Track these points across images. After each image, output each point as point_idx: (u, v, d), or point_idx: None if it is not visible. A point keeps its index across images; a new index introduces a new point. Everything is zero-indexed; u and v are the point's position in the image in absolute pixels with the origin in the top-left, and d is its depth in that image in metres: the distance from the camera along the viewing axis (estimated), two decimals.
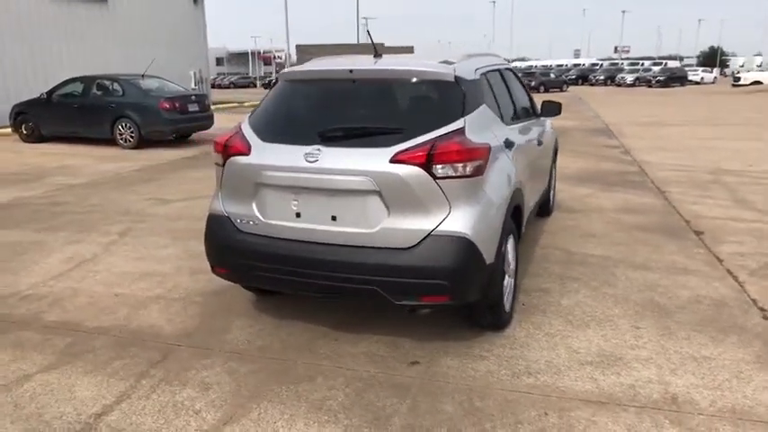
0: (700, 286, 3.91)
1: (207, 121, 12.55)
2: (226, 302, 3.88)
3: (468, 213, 2.81)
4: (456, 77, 3.10)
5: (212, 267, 3.40)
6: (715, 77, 52.09)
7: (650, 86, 43.29)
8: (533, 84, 38.53)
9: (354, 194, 2.86)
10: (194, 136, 12.93)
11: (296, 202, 2.99)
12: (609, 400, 2.65)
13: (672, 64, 54.99)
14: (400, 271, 2.79)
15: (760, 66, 42.13)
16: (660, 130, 13.24)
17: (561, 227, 5.44)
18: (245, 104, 25.76)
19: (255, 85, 62.97)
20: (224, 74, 77.54)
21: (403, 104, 3.23)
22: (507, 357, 3.06)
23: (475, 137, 2.91)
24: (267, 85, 60.81)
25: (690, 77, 46.03)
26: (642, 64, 59.20)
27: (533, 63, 73.64)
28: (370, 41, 3.72)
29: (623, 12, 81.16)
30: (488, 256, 2.90)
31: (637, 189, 7.04)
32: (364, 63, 3.33)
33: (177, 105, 11.57)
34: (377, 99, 3.19)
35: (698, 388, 2.72)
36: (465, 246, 2.78)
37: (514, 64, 78.83)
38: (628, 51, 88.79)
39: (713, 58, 77.78)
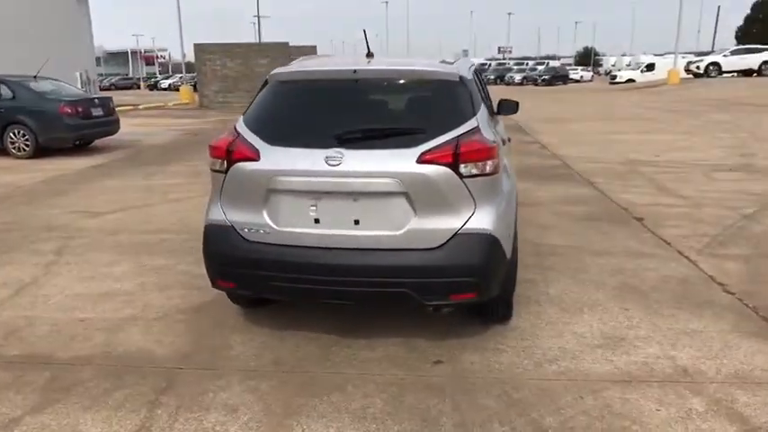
0: (660, 267, 4.29)
1: (113, 126, 11.61)
2: (213, 318, 3.64)
3: (491, 210, 2.87)
4: (460, 77, 3.15)
5: (214, 281, 3.18)
6: (592, 76, 56.95)
7: (536, 85, 46.42)
8: None
9: (379, 197, 2.81)
10: (97, 142, 11.93)
11: (314, 208, 2.87)
12: (631, 378, 2.83)
13: (553, 63, 59.32)
14: (430, 271, 2.79)
15: (629, 65, 46.66)
16: (566, 126, 14.25)
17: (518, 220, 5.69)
18: (140, 107, 24.19)
19: (139, 87, 59.09)
20: (102, 75, 72.00)
21: (412, 105, 3.21)
22: (523, 348, 3.16)
23: (488, 135, 2.98)
24: (153, 87, 57.38)
25: (571, 76, 49.97)
26: (527, 63, 63.29)
27: None
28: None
29: (509, 14, 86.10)
30: (508, 251, 2.99)
31: (568, 182, 7.54)
32: (364, 63, 3.27)
33: (80, 110, 10.60)
34: (384, 100, 3.15)
35: (700, 359, 2.99)
36: (491, 242, 2.84)
37: None
38: (510, 52, 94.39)
39: (588, 58, 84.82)
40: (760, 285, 3.91)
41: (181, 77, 50.58)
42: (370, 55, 3.42)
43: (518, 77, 50.88)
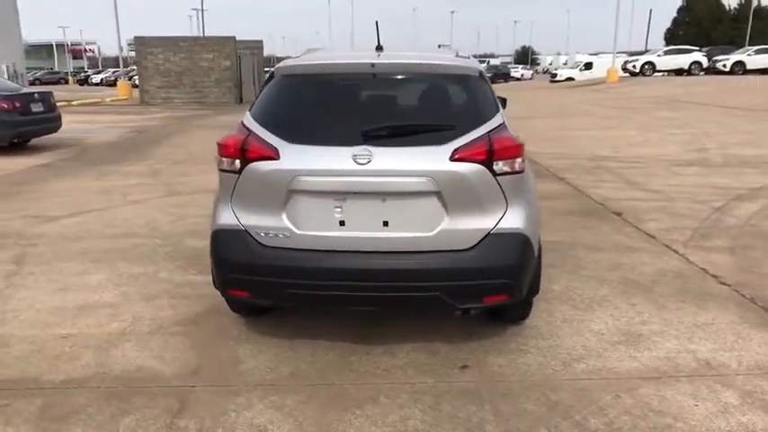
0: (654, 261, 4.38)
1: (55, 122, 10.84)
2: (214, 329, 3.39)
3: (521, 209, 2.80)
4: (479, 72, 3.06)
5: (224, 291, 2.95)
6: (532, 74, 58.63)
7: None
8: None
9: (410, 196, 2.67)
10: (35, 141, 11.10)
11: (339, 209, 2.70)
12: (659, 374, 2.84)
13: (494, 62, 60.60)
14: (463, 273, 2.68)
15: (566, 64, 48.35)
16: (525, 123, 14.49)
17: None
18: (74, 103, 22.80)
19: (68, 82, 55.82)
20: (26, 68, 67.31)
21: (435, 99, 3.07)
22: (546, 348, 3.12)
23: (512, 132, 2.90)
24: (84, 82, 54.28)
25: (512, 74, 51.23)
26: None
27: None
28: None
29: (452, 12, 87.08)
30: (536, 250, 2.93)
31: (540, 177, 7.63)
32: (375, 57, 3.11)
33: (17, 105, 9.80)
34: (405, 94, 3.01)
35: (718, 351, 3.04)
36: (523, 242, 2.77)
37: None
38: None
39: (526, 57, 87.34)
40: (750, 276, 4.05)
41: (114, 72, 48.15)
42: (379, 48, 3.27)
43: None
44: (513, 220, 2.75)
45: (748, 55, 29.13)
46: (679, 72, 29.81)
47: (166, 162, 9.40)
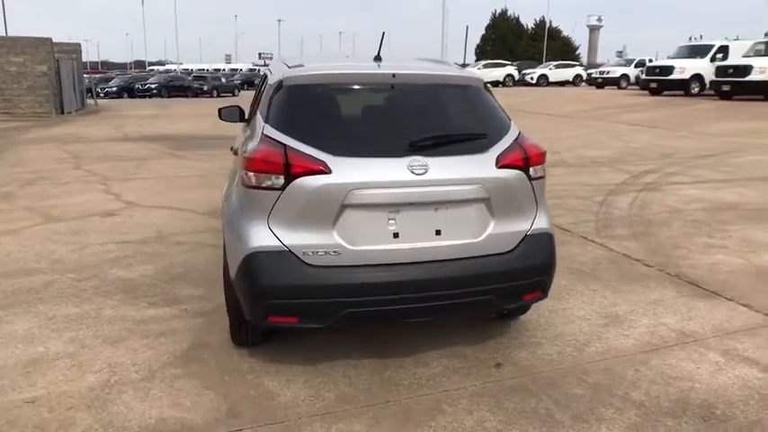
0: (584, 252, 4.95)
1: None
2: (219, 365, 3.05)
3: (545, 210, 3.02)
4: (484, 83, 3.22)
5: (264, 318, 2.67)
6: None
7: None
8: (206, 88, 38.01)
9: (461, 204, 2.73)
10: None
11: (393, 221, 2.65)
12: (654, 346, 3.27)
13: None
14: (509, 275, 2.81)
15: None
16: None
17: None
18: None
19: None
20: None
21: (456, 109, 3.10)
22: (553, 338, 3.38)
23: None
24: None
25: None
26: None
27: (173, 67, 70.82)
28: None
29: (279, 20, 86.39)
30: None
31: None
32: (375, 67, 3.09)
33: None
34: (426, 104, 3.01)
35: (683, 321, 3.59)
36: (551, 241, 2.99)
37: (155, 68, 74.45)
38: (271, 58, 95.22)
39: None
40: (662, 257, 4.81)
41: None
42: (378, 58, 3.26)
43: None
44: (542, 221, 2.97)
45: (550, 69, 34.14)
46: (495, 84, 33.59)
47: (14, 184, 7.97)
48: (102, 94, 32.82)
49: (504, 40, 55.51)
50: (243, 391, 2.83)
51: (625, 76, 29.00)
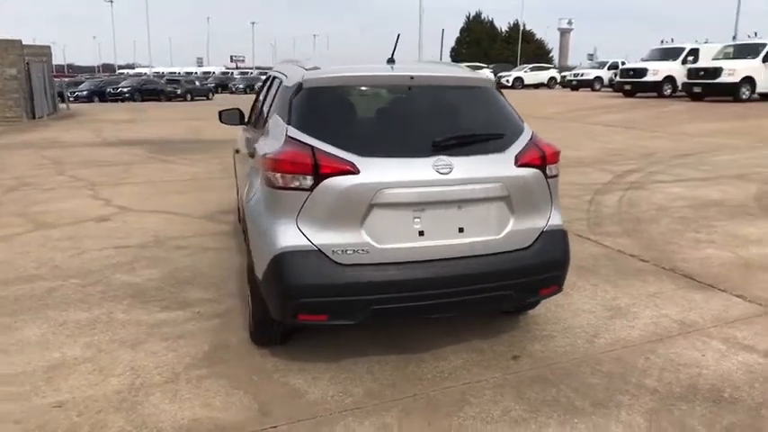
0: (582, 248, 5.08)
1: None
2: (242, 367, 3.09)
3: (558, 207, 3.14)
4: (493, 84, 3.33)
5: (294, 317, 2.72)
6: None
7: None
8: (180, 92, 37.54)
9: (483, 202, 2.82)
10: None
11: (419, 219, 2.73)
12: (659, 336, 3.42)
13: None
14: (527, 270, 2.92)
15: None
16: None
17: None
18: None
19: None
20: None
21: (471, 110, 3.18)
22: (563, 330, 3.50)
23: None
24: None
25: None
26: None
27: (145, 70, 69.65)
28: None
29: (252, 23, 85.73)
30: None
31: None
32: (389, 69, 3.17)
33: None
34: (444, 105, 3.10)
35: (683, 312, 3.75)
36: (565, 237, 3.12)
37: (125, 72, 72.90)
38: (243, 61, 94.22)
39: None
40: (655, 252, 5.00)
41: None
42: (391, 61, 3.34)
43: None
44: (556, 218, 3.09)
45: (525, 72, 34.66)
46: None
47: None
48: (71, 98, 32.15)
49: (479, 42, 56.24)
50: (271, 389, 2.87)
51: (599, 79, 29.67)
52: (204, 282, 4.33)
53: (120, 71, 78.03)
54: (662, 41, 23.78)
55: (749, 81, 18.23)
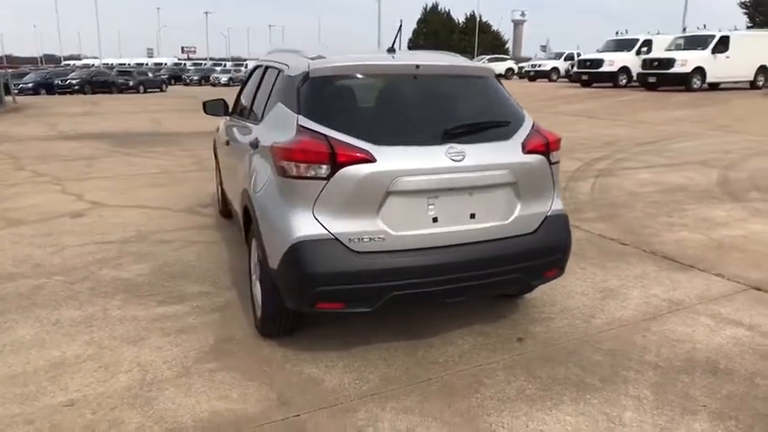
0: None
1: None
2: (252, 357, 3.07)
3: (559, 194, 3.24)
4: (495, 74, 3.39)
5: (311, 305, 2.73)
6: None
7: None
8: (132, 83, 36.35)
9: (493, 188, 2.89)
10: None
11: (432, 206, 2.77)
12: (651, 315, 3.58)
13: (253, 64, 59.86)
14: (533, 254, 3.01)
15: None
16: None
17: None
18: None
19: None
20: None
21: (475, 98, 3.22)
22: (561, 312, 3.62)
23: None
24: None
25: None
26: (224, 65, 62.83)
27: (93, 61, 67.05)
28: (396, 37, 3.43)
29: (206, 13, 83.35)
30: None
31: None
32: (390, 58, 3.20)
33: None
34: (448, 94, 3.13)
35: (669, 292, 3.93)
36: (566, 221, 3.22)
37: (71, 63, 69.85)
38: (194, 52, 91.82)
39: None
40: (633, 236, 5.20)
41: None
42: (392, 50, 3.36)
43: (224, 78, 50.23)
44: (558, 203, 3.19)
45: (483, 63, 35.11)
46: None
47: None
48: (16, 91, 30.62)
49: (436, 34, 56.61)
50: (286, 379, 2.87)
51: (555, 69, 30.40)
52: (197, 275, 4.26)
53: (66, 62, 74.85)
54: (617, 33, 24.54)
55: (700, 71, 19.07)
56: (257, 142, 3.21)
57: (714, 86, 20.06)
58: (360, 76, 3.04)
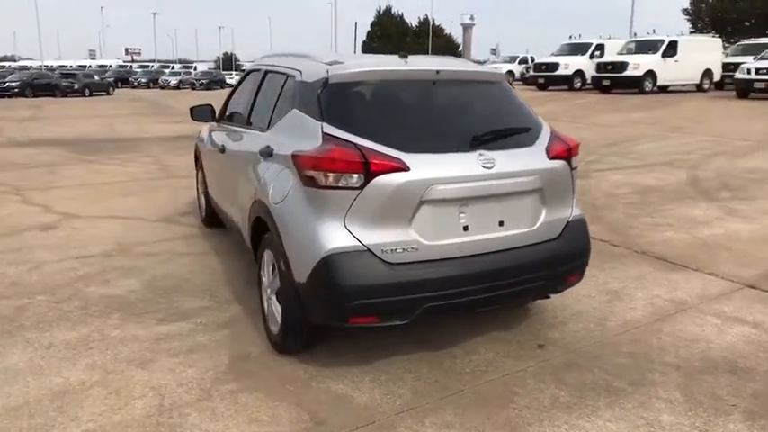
0: None
1: None
2: (273, 375, 2.94)
3: (575, 199, 3.25)
4: (505, 79, 3.39)
5: (348, 318, 2.63)
6: None
7: (194, 89, 45.19)
8: (77, 86, 34.80)
9: (520, 195, 2.87)
10: None
11: (463, 215, 2.72)
12: (660, 316, 3.65)
13: (203, 68, 58.52)
14: (557, 260, 3.01)
15: None
16: None
17: None
18: None
19: None
20: None
21: (493, 104, 3.18)
22: (574, 316, 3.64)
23: None
24: None
25: (227, 81, 50.46)
26: (173, 67, 61.12)
27: (33, 63, 63.92)
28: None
29: (154, 13, 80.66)
30: None
31: None
32: (403, 64, 3.14)
33: None
34: (468, 100, 3.09)
35: (671, 292, 4.03)
36: (586, 227, 3.24)
37: (7, 65, 66.35)
38: (139, 54, 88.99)
39: (230, 63, 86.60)
40: (622, 237, 5.32)
41: None
42: (404, 56, 3.29)
43: (174, 81, 48.80)
44: (577, 208, 3.21)
45: None
46: None
47: None
48: None
49: (390, 37, 56.83)
50: (314, 397, 2.76)
51: (510, 73, 30.98)
52: (193, 289, 4.06)
53: (1, 64, 71.00)
54: (570, 37, 25.32)
55: (651, 75, 19.88)
56: (270, 150, 3.08)
57: (664, 89, 20.94)
58: (380, 81, 2.96)
